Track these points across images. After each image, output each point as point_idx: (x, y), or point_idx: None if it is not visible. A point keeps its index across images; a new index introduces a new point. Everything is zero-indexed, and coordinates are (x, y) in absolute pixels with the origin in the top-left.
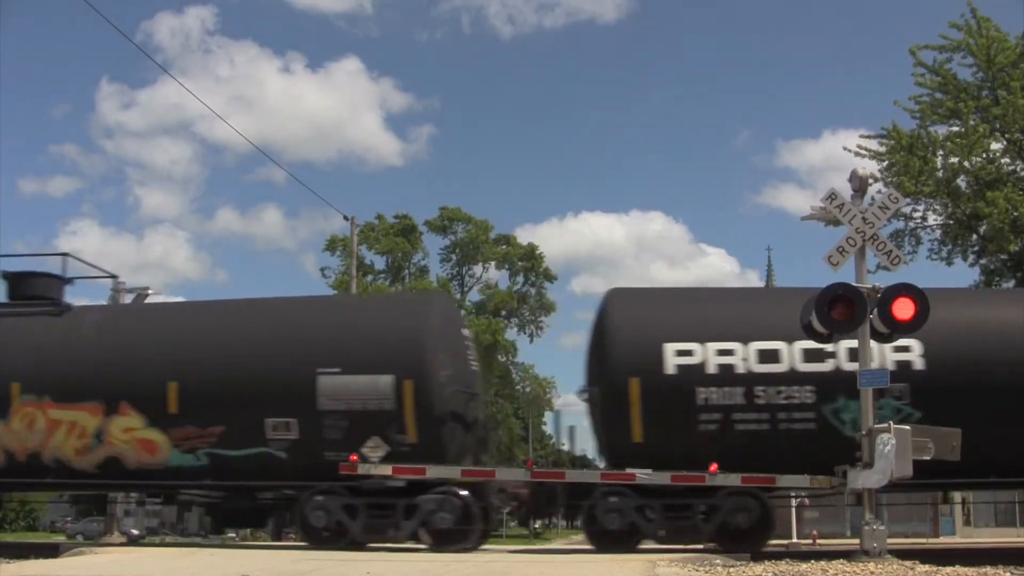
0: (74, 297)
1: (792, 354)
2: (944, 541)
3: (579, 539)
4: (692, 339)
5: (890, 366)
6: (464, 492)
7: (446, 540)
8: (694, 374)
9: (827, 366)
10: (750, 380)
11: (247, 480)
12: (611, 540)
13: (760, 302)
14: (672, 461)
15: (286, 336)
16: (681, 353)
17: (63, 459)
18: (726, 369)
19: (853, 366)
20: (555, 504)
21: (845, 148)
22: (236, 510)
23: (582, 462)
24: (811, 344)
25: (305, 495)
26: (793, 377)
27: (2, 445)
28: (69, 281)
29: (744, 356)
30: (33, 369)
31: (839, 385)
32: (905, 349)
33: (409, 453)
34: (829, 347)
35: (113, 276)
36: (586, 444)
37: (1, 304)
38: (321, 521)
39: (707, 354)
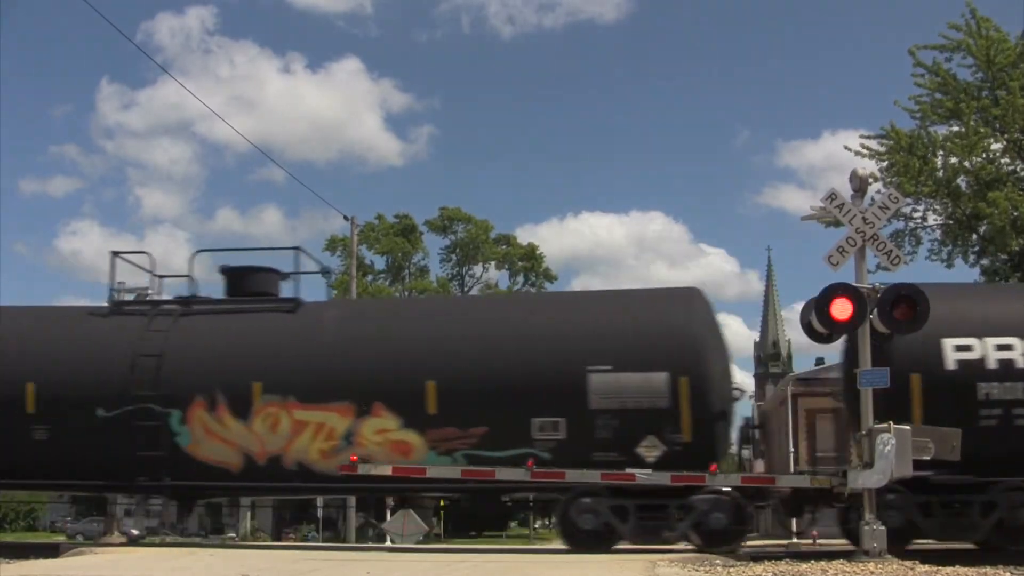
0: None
1: None
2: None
3: None
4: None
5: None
6: (729, 490)
7: (719, 541)
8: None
9: None
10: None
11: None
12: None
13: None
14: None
15: (553, 333)
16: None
17: (306, 462)
18: (1006, 364)
19: None
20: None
21: (846, 147)
22: (480, 513)
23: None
24: None
25: (568, 497)
26: None
27: (241, 447)
28: (285, 276)
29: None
30: (275, 368)
31: None
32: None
33: (681, 453)
34: None
35: (328, 271)
36: None
37: (229, 300)
38: (588, 524)
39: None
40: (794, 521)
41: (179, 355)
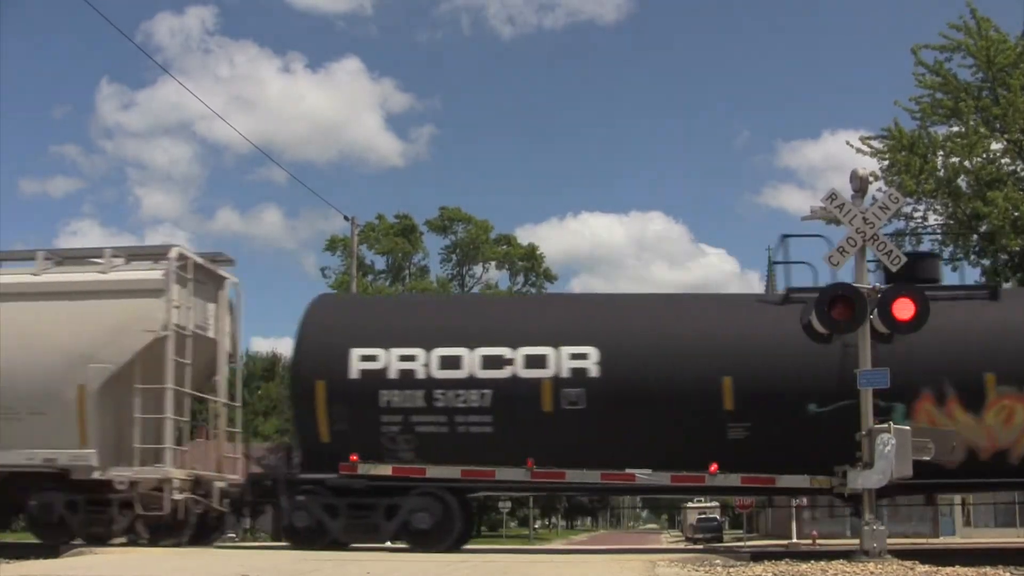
0: None
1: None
2: (944, 541)
3: (579, 539)
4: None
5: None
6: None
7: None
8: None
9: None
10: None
11: None
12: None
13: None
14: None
15: None
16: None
17: None
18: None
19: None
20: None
21: (848, 143)
22: None
23: None
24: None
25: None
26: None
27: (968, 441)
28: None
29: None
30: (1012, 358)
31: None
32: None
33: None
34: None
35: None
36: None
37: (934, 288)
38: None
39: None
40: (794, 521)
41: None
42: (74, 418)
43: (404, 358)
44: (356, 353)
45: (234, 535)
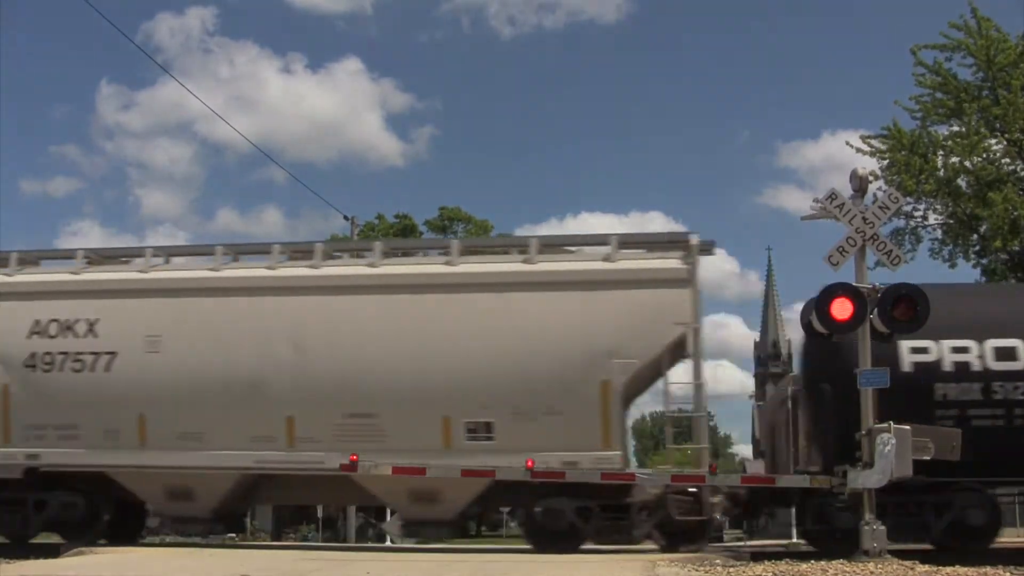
0: None
1: None
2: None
3: None
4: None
5: None
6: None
7: None
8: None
9: None
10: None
11: None
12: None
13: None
14: None
15: None
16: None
17: None
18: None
19: None
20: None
21: (848, 144)
22: None
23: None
24: None
25: None
26: None
27: None
28: None
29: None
30: None
31: None
32: None
33: None
34: None
35: None
36: None
37: None
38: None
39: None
40: (794, 521)
41: None
42: (596, 417)
43: (957, 350)
44: (906, 346)
45: (234, 535)
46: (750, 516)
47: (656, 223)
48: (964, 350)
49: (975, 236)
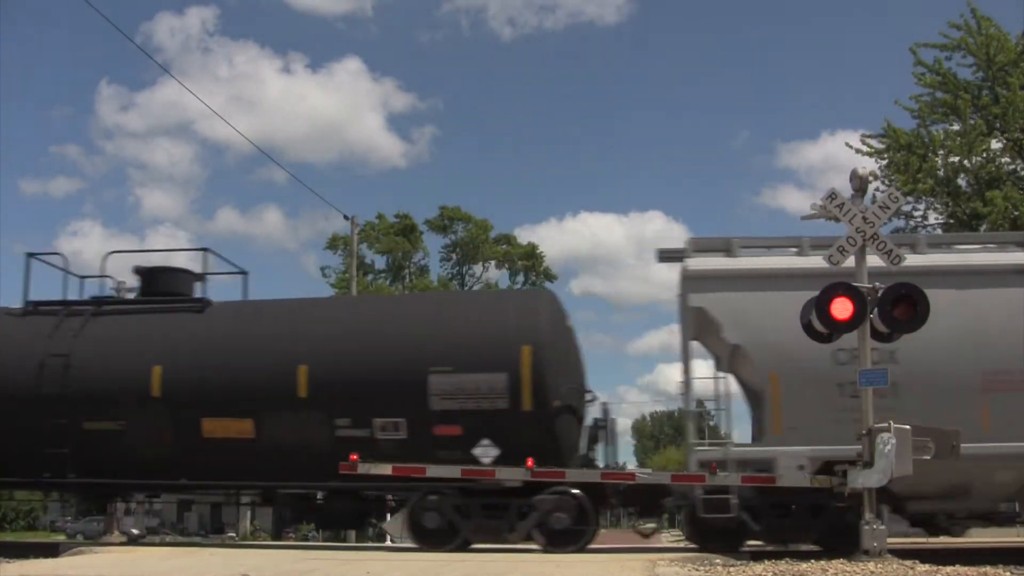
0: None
1: None
2: (944, 541)
3: None
4: None
5: None
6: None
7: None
8: None
9: None
10: None
11: None
12: None
13: None
14: None
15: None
16: None
17: None
18: None
19: None
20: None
21: (847, 144)
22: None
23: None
24: None
25: None
26: None
27: None
28: None
29: None
30: None
31: None
32: None
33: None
34: None
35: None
36: None
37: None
38: None
39: None
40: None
41: None
42: None
43: None
44: None
45: (234, 535)
46: None
47: (656, 222)
48: None
49: None
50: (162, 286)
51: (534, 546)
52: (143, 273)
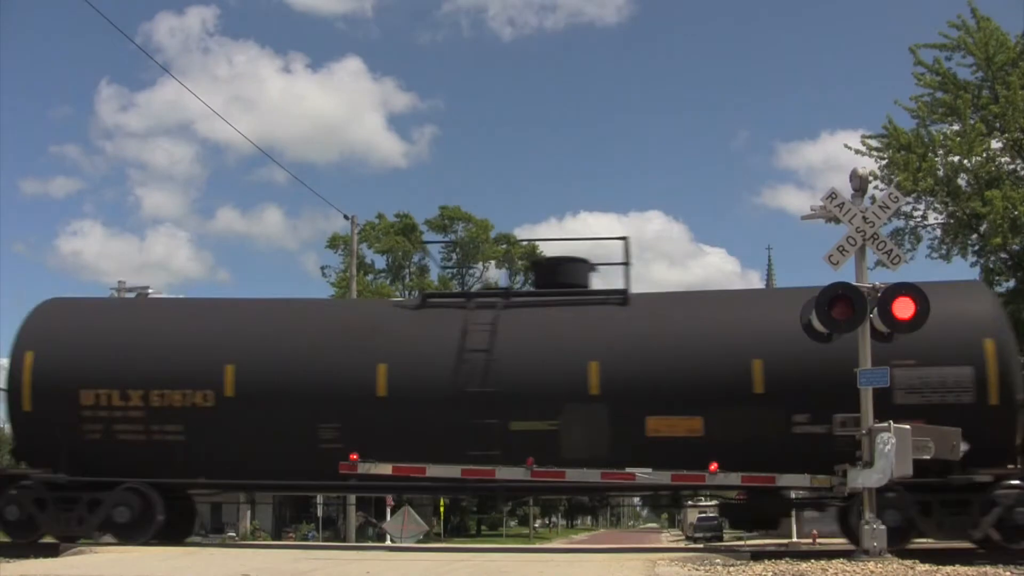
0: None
1: None
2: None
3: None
4: None
5: None
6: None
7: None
8: None
9: None
10: None
11: None
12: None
13: None
14: None
15: None
16: None
17: None
18: None
19: None
20: None
21: (847, 146)
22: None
23: None
24: None
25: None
26: None
27: None
28: None
29: None
30: None
31: None
32: None
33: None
34: None
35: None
36: None
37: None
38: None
39: None
40: (794, 521)
41: None
42: None
43: None
44: None
45: (234, 534)
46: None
47: (655, 222)
48: None
49: (975, 235)
50: (561, 277)
51: (530, 545)
52: (540, 264)
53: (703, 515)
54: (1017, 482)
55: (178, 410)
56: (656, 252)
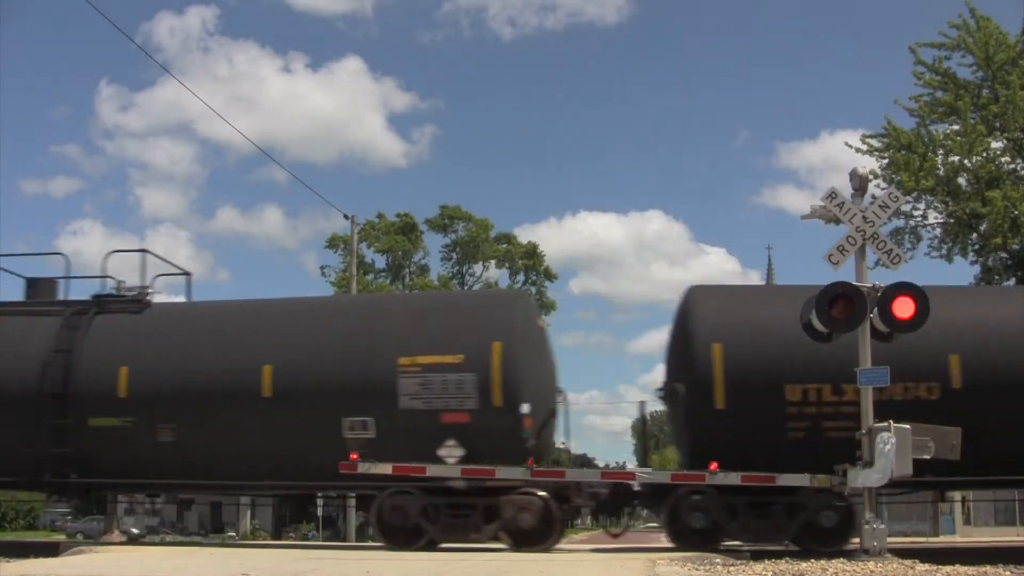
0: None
1: None
2: (944, 540)
3: (579, 538)
4: None
5: None
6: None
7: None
8: None
9: None
10: None
11: None
12: None
13: None
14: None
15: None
16: None
17: None
18: None
19: None
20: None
21: (847, 144)
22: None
23: (582, 460)
24: None
25: None
26: None
27: None
28: None
29: None
30: None
31: None
32: None
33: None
34: None
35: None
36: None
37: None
38: None
39: None
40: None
41: None
42: None
43: None
44: None
45: (234, 534)
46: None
47: (655, 222)
48: None
49: (975, 235)
50: None
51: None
52: None
53: None
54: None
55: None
56: (656, 252)
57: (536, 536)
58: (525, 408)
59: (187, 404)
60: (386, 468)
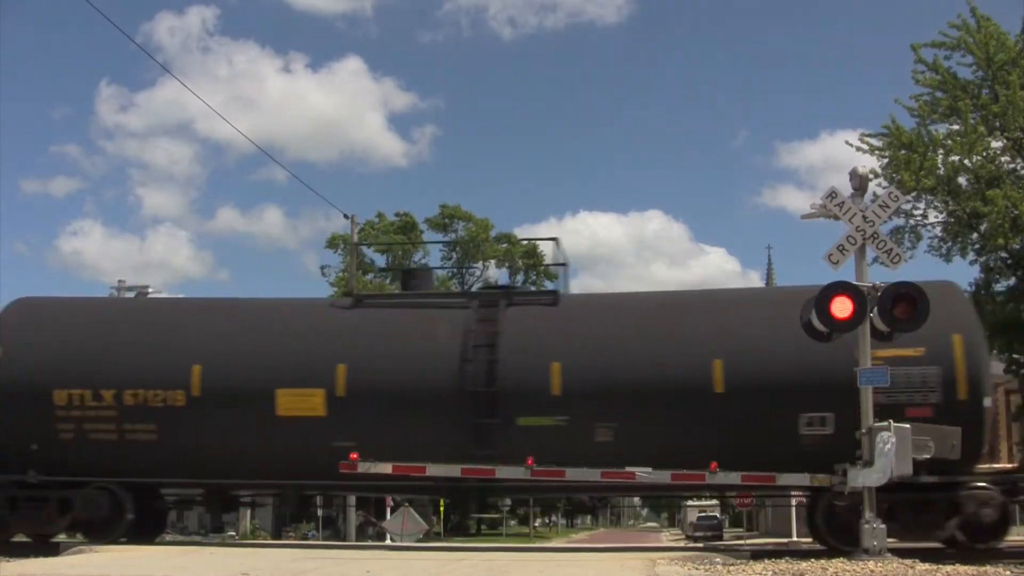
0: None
1: None
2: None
3: (579, 538)
4: None
5: None
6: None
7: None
8: None
9: None
10: None
11: None
12: None
13: None
14: None
15: None
16: None
17: None
18: None
19: None
20: None
21: (847, 143)
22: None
23: None
24: None
25: None
26: None
27: None
28: None
29: None
30: None
31: None
32: None
33: None
34: None
35: None
36: None
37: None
38: None
39: None
40: (794, 520)
41: None
42: None
43: None
44: None
45: (234, 534)
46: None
47: (655, 222)
48: None
49: (975, 235)
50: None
51: (530, 544)
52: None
53: (703, 514)
54: None
55: None
56: (656, 252)
57: (993, 531)
58: (987, 402)
59: (626, 401)
60: (386, 468)
